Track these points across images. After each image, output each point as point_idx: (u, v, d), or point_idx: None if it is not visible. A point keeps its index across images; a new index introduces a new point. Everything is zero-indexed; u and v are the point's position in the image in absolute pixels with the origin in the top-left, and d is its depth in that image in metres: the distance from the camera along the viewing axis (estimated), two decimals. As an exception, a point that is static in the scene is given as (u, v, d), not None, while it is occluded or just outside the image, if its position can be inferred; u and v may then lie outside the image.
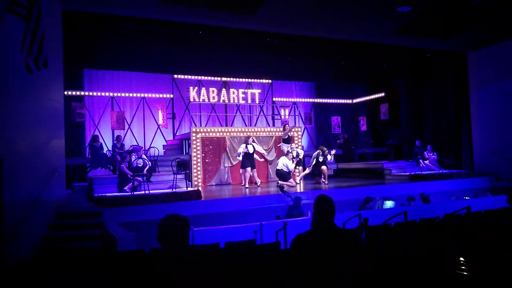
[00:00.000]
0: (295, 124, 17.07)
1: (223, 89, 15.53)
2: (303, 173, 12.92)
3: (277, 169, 11.46)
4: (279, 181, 11.19)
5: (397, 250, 5.10)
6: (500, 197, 10.11)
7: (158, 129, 15.68)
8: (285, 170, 11.23)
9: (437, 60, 15.41)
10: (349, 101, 19.23)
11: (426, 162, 13.71)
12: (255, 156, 12.22)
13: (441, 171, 13.28)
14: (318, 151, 12.42)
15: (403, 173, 13.33)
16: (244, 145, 11.89)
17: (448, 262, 3.63)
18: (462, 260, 3.53)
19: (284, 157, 11.61)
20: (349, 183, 12.07)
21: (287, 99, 18.12)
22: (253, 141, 12.39)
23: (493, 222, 5.79)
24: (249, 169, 11.77)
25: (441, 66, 15.72)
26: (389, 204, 10.00)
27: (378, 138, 18.39)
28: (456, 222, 6.22)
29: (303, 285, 2.77)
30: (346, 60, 15.83)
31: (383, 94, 17.77)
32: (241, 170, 12.03)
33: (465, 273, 3.42)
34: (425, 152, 13.87)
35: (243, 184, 11.93)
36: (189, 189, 9.82)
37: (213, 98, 14.87)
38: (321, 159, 12.18)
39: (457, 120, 15.36)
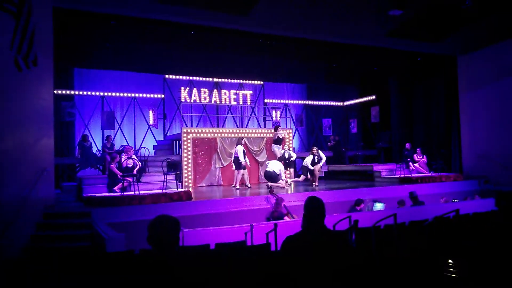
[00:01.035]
0: (286, 126, 17.12)
1: (215, 89, 15.52)
2: (295, 179, 12.94)
3: (267, 171, 11.45)
4: (269, 183, 11.21)
5: (387, 252, 5.13)
6: (489, 200, 10.23)
7: (149, 130, 15.62)
8: (276, 172, 11.26)
9: (427, 63, 15.55)
10: (340, 103, 19.34)
11: (416, 164, 13.81)
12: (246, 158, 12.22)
13: (430, 173, 13.40)
14: (310, 155, 12.44)
15: (393, 176, 13.41)
16: (241, 148, 11.89)
17: (437, 264, 3.66)
18: (450, 262, 3.56)
19: (277, 161, 11.63)
20: (339, 185, 12.12)
21: (279, 101, 18.18)
22: (245, 143, 12.40)
23: (482, 224, 5.85)
24: (241, 170, 11.79)
25: (431, 70, 15.87)
26: (379, 206, 10.06)
27: (369, 140, 18.50)
28: (445, 224, 6.28)
29: (294, 287, 2.78)
30: (337, 63, 15.92)
31: (374, 97, 17.89)
32: (236, 171, 11.97)
33: (453, 275, 3.46)
34: (415, 155, 13.98)
35: (233, 185, 11.93)
36: (180, 190, 9.78)
37: (205, 98, 14.86)
38: (316, 159, 12.24)
39: (447, 123, 15.52)
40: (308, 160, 12.33)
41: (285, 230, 6.27)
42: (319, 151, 12.48)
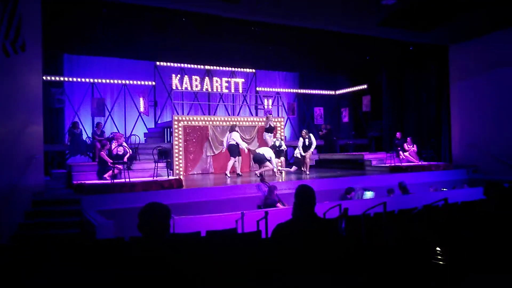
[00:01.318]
0: (278, 114, 17.09)
1: (206, 77, 15.41)
2: (286, 168, 13.00)
3: (257, 153, 11.50)
4: (257, 171, 11.27)
5: (376, 239, 5.18)
6: (477, 189, 10.35)
7: (139, 117, 15.50)
8: (266, 156, 11.31)
9: (419, 53, 15.57)
10: (332, 92, 19.33)
11: (406, 154, 13.91)
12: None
13: (420, 162, 13.50)
14: (300, 138, 12.46)
15: (383, 165, 13.50)
16: (237, 134, 11.93)
17: (425, 252, 3.70)
18: (438, 250, 3.60)
19: (269, 149, 11.69)
20: (330, 174, 12.18)
21: (271, 89, 18.11)
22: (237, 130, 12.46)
23: (470, 213, 5.92)
24: (233, 158, 11.82)
25: (423, 59, 15.90)
26: (369, 194, 10.14)
27: (360, 129, 18.58)
28: (433, 213, 6.35)
29: (284, 274, 2.79)
30: (329, 51, 15.87)
31: (365, 86, 17.91)
32: (234, 158, 11.98)
33: (441, 262, 3.50)
34: (405, 144, 14.06)
35: (226, 172, 11.93)
36: (171, 177, 9.77)
37: (196, 86, 14.75)
38: (307, 142, 12.25)
39: (437, 112, 15.62)
40: (299, 144, 12.35)
41: (276, 218, 6.30)
42: (310, 134, 12.44)
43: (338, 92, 19.30)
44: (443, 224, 5.28)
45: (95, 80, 14.72)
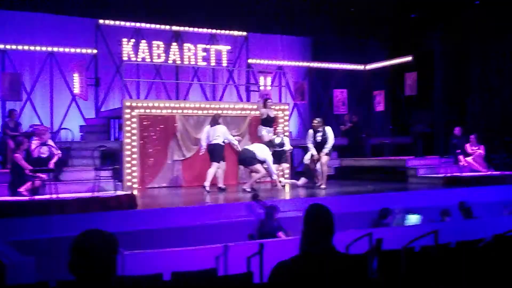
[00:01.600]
0: (280, 99, 17.13)
1: (174, 43, 15.40)
2: (292, 180, 12.95)
3: (244, 148, 11.48)
4: (247, 187, 11.25)
5: (422, 285, 5.21)
6: None
7: (73, 102, 15.48)
8: (257, 155, 11.27)
9: (495, 4, 15.45)
10: (361, 67, 19.41)
11: (469, 159, 13.97)
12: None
13: (489, 172, 13.57)
14: (310, 131, 12.14)
15: (435, 175, 13.57)
16: (223, 128, 11.86)
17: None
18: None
19: (265, 147, 11.62)
20: (356, 188, 12.22)
21: (270, 62, 18.12)
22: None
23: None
24: (216, 164, 11.53)
25: (502, 16, 15.80)
26: (413, 219, 10.17)
27: (401, 122, 18.63)
28: (509, 246, 6.39)
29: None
30: (356, 6, 15.91)
31: (410, 58, 17.97)
32: (217, 164, 11.75)
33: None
34: (468, 145, 14.12)
35: (204, 184, 11.70)
36: (119, 192, 9.77)
37: (159, 56, 14.75)
38: (319, 137, 11.81)
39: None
40: (308, 140, 11.87)
41: (276, 253, 6.30)
42: (325, 126, 11.97)
43: (368, 66, 19.38)
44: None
45: (7, 46, 14.66)
